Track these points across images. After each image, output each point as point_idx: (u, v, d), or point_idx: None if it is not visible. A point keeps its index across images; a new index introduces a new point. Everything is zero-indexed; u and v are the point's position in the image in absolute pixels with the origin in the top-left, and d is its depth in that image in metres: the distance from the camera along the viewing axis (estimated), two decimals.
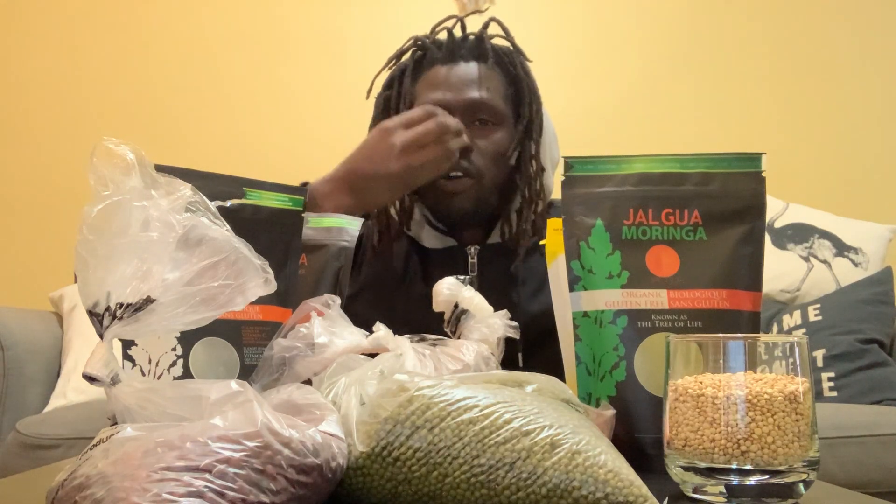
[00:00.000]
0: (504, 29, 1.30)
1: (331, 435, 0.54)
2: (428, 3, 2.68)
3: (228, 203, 0.80)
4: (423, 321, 0.87)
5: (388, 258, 1.31)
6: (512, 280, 1.27)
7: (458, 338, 0.82)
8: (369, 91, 1.30)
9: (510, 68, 1.27)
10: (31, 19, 2.73)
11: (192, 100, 2.70)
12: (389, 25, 2.69)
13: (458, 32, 1.30)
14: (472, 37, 1.27)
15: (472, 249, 1.28)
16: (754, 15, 2.73)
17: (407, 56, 1.30)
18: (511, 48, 1.30)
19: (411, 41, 1.30)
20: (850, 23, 2.72)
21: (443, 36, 1.30)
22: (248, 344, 0.79)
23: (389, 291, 1.28)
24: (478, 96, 1.23)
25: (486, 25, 1.30)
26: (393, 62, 1.31)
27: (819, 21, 2.72)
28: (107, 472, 0.46)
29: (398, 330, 0.87)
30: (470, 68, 1.25)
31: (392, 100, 1.28)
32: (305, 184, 1.17)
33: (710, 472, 0.61)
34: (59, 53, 2.71)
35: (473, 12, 1.32)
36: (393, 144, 1.13)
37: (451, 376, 0.63)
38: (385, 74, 1.33)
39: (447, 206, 1.26)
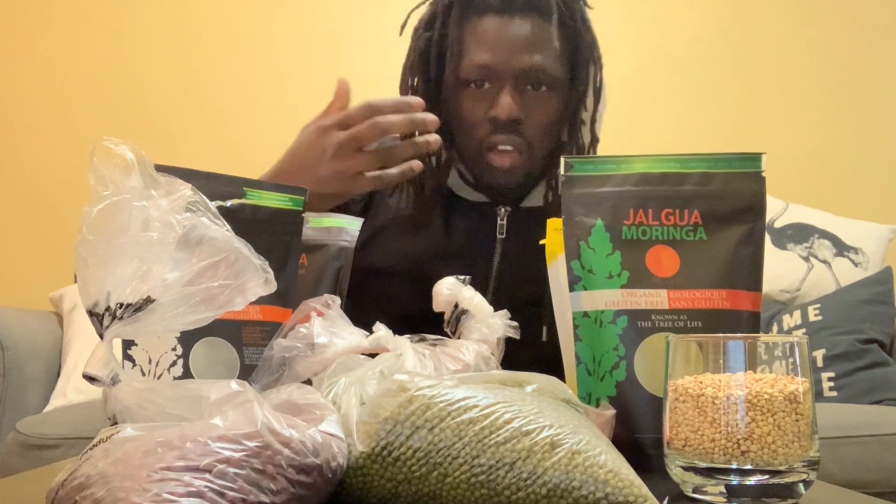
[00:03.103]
0: None
1: (331, 435, 0.54)
2: None
3: (228, 203, 0.80)
4: (435, 275, 0.85)
5: (410, 199, 1.20)
6: (540, 249, 1.16)
7: (458, 338, 0.82)
8: (403, 26, 1.19)
9: (570, 22, 1.14)
10: (32, 19, 2.73)
11: (193, 100, 2.70)
12: (389, 25, 2.68)
13: None
14: None
15: (503, 210, 1.18)
16: (754, 14, 2.73)
17: None
18: None
19: None
20: (850, 23, 2.72)
21: None
22: (248, 344, 0.79)
23: (406, 234, 1.19)
24: (532, 62, 1.11)
25: None
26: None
27: (819, 21, 2.72)
28: (107, 472, 0.46)
29: (409, 280, 0.81)
30: (525, 26, 1.11)
31: (434, 43, 1.15)
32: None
33: (710, 472, 0.61)
34: (59, 53, 2.71)
35: None
36: (325, 147, 1.02)
37: (451, 376, 0.63)
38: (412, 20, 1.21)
39: (491, 179, 1.16)
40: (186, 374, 0.74)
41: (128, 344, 0.71)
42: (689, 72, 2.71)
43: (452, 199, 1.20)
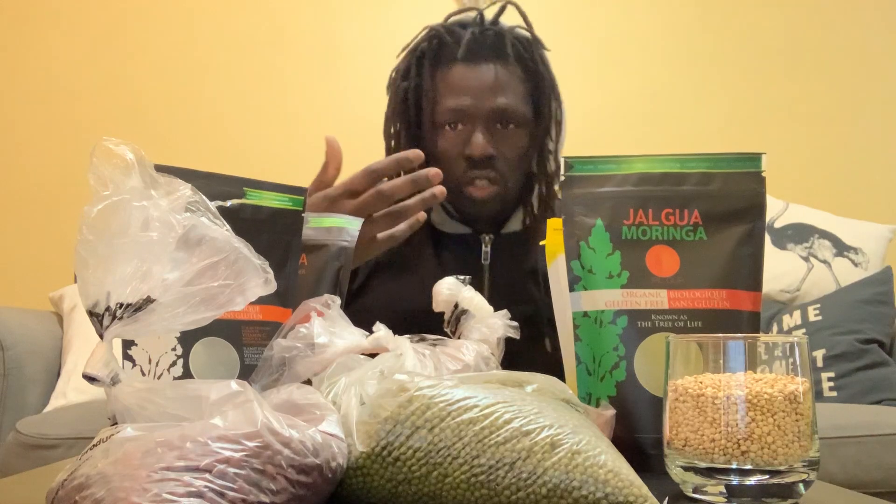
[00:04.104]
0: (523, 15, 1.29)
1: (331, 435, 0.54)
2: (426, 4, 2.68)
3: (228, 203, 0.80)
4: (424, 303, 0.87)
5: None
6: (524, 270, 1.27)
7: (458, 338, 0.82)
8: (388, 84, 1.30)
9: (530, 64, 1.26)
10: (32, 19, 2.73)
11: (193, 100, 2.70)
12: (386, 26, 2.69)
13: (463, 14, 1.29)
14: (491, 32, 1.26)
15: (487, 238, 1.29)
16: (754, 15, 2.73)
17: (424, 45, 1.28)
18: (530, 38, 1.28)
19: (426, 31, 1.29)
20: (850, 23, 2.72)
21: (456, 20, 1.29)
22: (248, 344, 0.79)
23: (402, 271, 1.27)
24: (500, 103, 1.22)
25: (501, 10, 1.29)
26: (409, 53, 1.30)
27: (819, 21, 2.72)
28: (107, 472, 0.46)
29: (409, 312, 0.84)
30: (490, 71, 1.24)
31: (411, 91, 1.27)
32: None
33: (710, 472, 0.61)
34: (59, 53, 2.71)
35: (471, 9, 1.33)
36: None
37: (451, 376, 0.63)
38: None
39: (471, 209, 1.27)
40: (186, 374, 0.74)
41: (128, 344, 0.70)
42: (690, 72, 2.71)
43: (438, 236, 1.30)
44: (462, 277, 0.85)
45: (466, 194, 1.24)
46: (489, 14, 1.29)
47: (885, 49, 2.71)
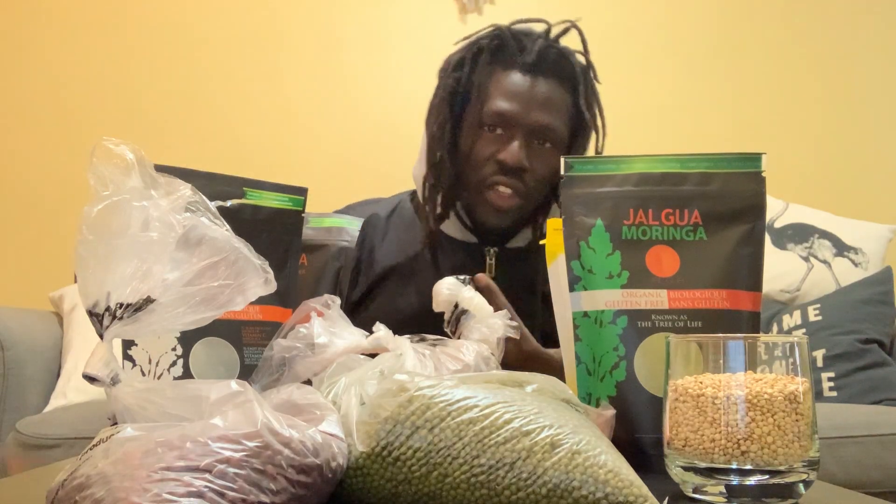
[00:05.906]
0: (583, 42, 1.29)
1: (331, 435, 0.54)
2: (425, 4, 2.68)
3: (228, 203, 0.80)
4: (426, 309, 0.87)
5: (406, 239, 1.29)
6: (528, 286, 1.26)
7: (458, 338, 0.82)
8: (440, 71, 1.30)
9: (581, 91, 1.27)
10: (32, 19, 2.73)
11: (193, 100, 2.70)
12: (387, 26, 2.69)
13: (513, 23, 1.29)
14: (555, 50, 1.26)
15: (492, 251, 1.28)
16: (754, 15, 2.73)
17: (485, 42, 1.27)
18: (585, 65, 1.28)
19: (491, 28, 1.28)
20: (850, 23, 2.72)
21: (522, 27, 1.29)
22: (248, 344, 0.79)
23: (407, 275, 1.27)
24: (544, 120, 1.22)
25: (566, 30, 1.29)
26: (467, 46, 1.29)
27: (819, 21, 2.72)
28: (107, 472, 0.46)
29: (411, 315, 0.83)
30: (544, 86, 1.23)
31: (462, 83, 1.26)
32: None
33: (710, 472, 0.61)
34: (58, 53, 2.71)
35: (538, 20, 1.32)
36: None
37: (451, 376, 0.63)
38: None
39: (486, 216, 1.26)
40: (186, 374, 0.74)
41: (128, 344, 0.71)
42: (690, 71, 2.71)
43: (444, 241, 1.29)
44: (462, 277, 0.86)
45: (487, 198, 1.23)
46: (553, 31, 1.29)
47: (886, 49, 2.71)
